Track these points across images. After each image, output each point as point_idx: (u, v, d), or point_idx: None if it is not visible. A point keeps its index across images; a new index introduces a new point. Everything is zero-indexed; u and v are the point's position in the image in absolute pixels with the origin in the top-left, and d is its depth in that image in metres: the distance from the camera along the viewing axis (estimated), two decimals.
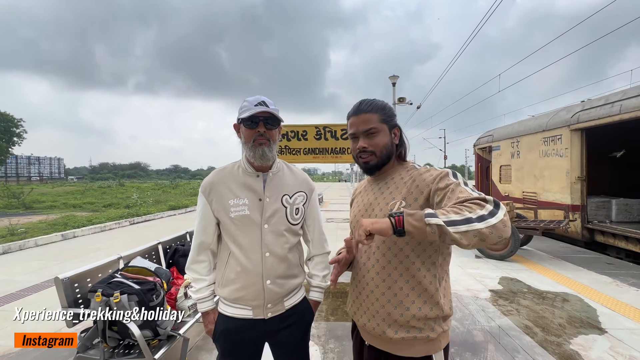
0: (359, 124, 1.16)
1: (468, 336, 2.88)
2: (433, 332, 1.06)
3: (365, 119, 1.15)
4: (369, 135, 1.15)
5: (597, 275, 4.69)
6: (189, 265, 1.35)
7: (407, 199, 1.08)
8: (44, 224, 9.81)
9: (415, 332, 1.05)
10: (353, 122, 1.18)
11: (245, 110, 1.24)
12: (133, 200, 16.90)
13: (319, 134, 4.61)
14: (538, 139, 7.67)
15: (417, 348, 1.06)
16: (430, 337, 1.06)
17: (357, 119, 1.16)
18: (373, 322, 1.10)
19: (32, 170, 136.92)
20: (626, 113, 5.46)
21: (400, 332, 1.05)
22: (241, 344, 1.28)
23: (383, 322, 1.07)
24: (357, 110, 1.17)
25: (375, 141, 1.15)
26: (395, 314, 1.06)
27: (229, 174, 1.33)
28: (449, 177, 1.03)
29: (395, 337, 1.05)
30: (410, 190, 1.09)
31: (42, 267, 5.40)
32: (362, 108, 1.16)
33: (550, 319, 3.25)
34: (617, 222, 6.33)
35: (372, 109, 1.16)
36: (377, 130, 1.15)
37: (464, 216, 0.85)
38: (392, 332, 1.06)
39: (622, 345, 2.75)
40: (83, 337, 2.01)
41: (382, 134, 1.15)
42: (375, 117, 1.15)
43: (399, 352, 1.07)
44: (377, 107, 1.16)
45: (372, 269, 1.12)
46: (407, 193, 1.09)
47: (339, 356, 2.61)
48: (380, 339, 1.10)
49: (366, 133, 1.15)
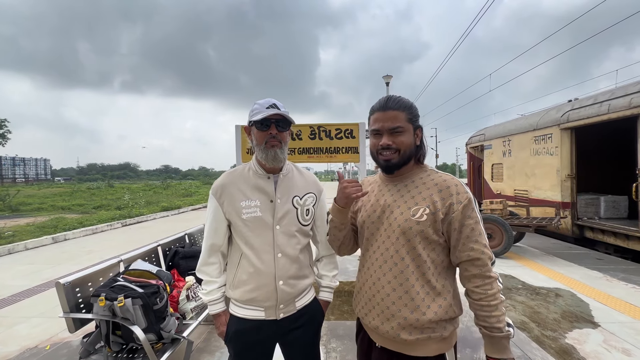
0: (385, 121, 1.11)
1: (467, 333, 2.93)
2: (446, 331, 1.08)
3: (392, 116, 1.11)
4: (395, 133, 1.11)
5: (588, 270, 4.82)
6: (200, 267, 1.35)
7: (430, 207, 1.08)
8: (32, 227, 9.59)
9: (429, 332, 1.06)
10: (378, 118, 1.13)
11: (257, 113, 1.25)
12: (125, 201, 16.62)
13: (314, 133, 4.61)
14: (529, 138, 7.82)
15: (431, 347, 1.08)
16: (443, 336, 1.08)
17: (384, 115, 1.12)
18: (387, 325, 1.09)
19: (17, 172, 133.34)
20: (614, 112, 5.61)
21: (414, 333, 1.06)
22: (253, 345, 1.29)
23: (398, 325, 1.07)
24: (384, 106, 1.13)
25: (400, 139, 1.11)
26: (411, 319, 1.06)
27: (240, 176, 1.33)
28: (474, 210, 1.08)
29: (409, 338, 1.06)
30: (434, 200, 1.08)
31: (34, 271, 5.28)
32: (389, 105, 1.12)
33: (545, 314, 3.33)
34: (606, 219, 6.51)
35: (400, 106, 1.12)
36: (403, 130, 1.11)
37: (496, 308, 1.04)
38: (407, 334, 1.06)
39: (615, 338, 2.84)
40: (85, 342, 1.98)
41: (407, 134, 1.12)
42: (403, 115, 1.11)
43: (412, 352, 1.08)
44: (405, 105, 1.13)
45: (390, 273, 1.11)
46: (431, 201, 1.09)
47: (341, 355, 2.63)
48: (393, 340, 1.10)
49: (392, 131, 1.11)
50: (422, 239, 1.08)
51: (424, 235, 1.07)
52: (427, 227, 1.07)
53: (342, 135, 4.29)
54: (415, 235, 1.07)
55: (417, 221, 1.07)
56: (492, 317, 1.03)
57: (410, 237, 1.08)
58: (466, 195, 1.08)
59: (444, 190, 1.09)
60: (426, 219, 1.06)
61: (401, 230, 1.09)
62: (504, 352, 1.03)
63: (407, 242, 1.09)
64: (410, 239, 1.08)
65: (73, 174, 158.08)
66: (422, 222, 1.07)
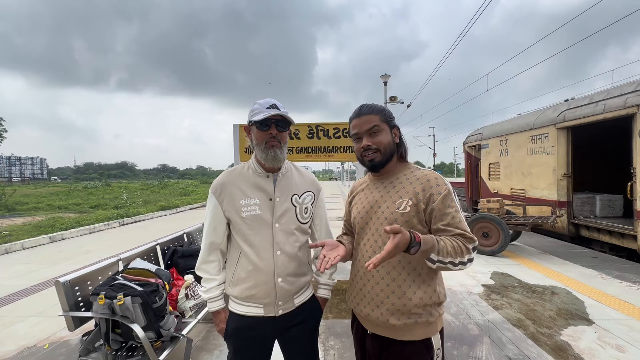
0: (362, 125, 1.24)
1: (464, 330, 2.96)
2: (432, 317, 1.17)
3: (366, 120, 1.23)
4: (372, 133, 1.23)
5: (583, 268, 4.87)
6: (200, 265, 1.36)
7: (413, 199, 1.17)
8: (29, 226, 9.54)
9: (415, 317, 1.16)
10: (356, 124, 1.26)
11: (257, 113, 1.27)
12: (122, 200, 16.57)
13: (312, 132, 4.63)
14: (526, 137, 7.87)
15: (418, 332, 1.17)
16: (429, 321, 1.17)
17: (360, 120, 1.24)
18: (377, 311, 1.18)
19: (13, 171, 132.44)
20: (609, 112, 5.66)
21: (402, 318, 1.15)
22: (252, 341, 1.31)
23: (387, 311, 1.16)
24: (358, 113, 1.26)
25: (378, 139, 1.22)
26: (399, 304, 1.15)
27: (239, 175, 1.35)
28: (453, 200, 1.16)
29: (397, 323, 1.15)
30: (416, 192, 1.18)
31: (31, 270, 5.26)
32: (363, 111, 1.25)
33: (540, 311, 3.37)
34: (601, 217, 6.56)
35: (373, 111, 1.24)
36: (380, 129, 1.23)
37: (453, 259, 1.07)
38: (395, 319, 1.15)
39: (609, 335, 2.87)
40: (85, 341, 1.99)
41: (384, 133, 1.24)
42: (377, 117, 1.23)
43: (401, 337, 1.17)
44: (376, 109, 1.25)
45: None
46: (413, 193, 1.19)
47: (339, 353, 2.65)
48: (383, 326, 1.19)
49: (369, 132, 1.23)
50: (407, 229, 1.12)
51: (409, 225, 1.16)
52: (411, 217, 1.17)
53: (340, 134, 4.31)
54: (400, 226, 1.12)
55: (401, 213, 1.17)
56: (445, 252, 1.06)
57: None
58: (445, 187, 1.17)
59: (425, 183, 1.19)
60: (409, 210, 1.17)
61: (388, 222, 1.18)
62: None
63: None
64: None
65: (70, 173, 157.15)
66: (405, 213, 1.17)
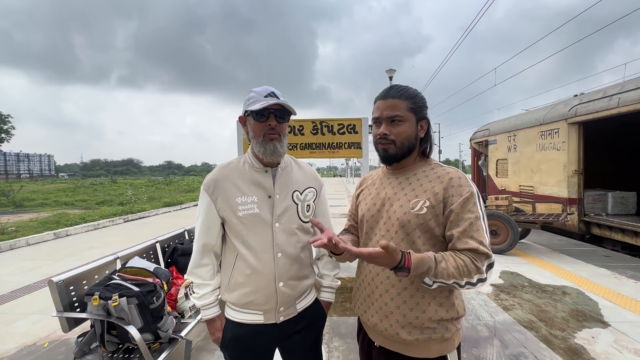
0: (384, 109, 1.08)
1: (473, 332, 2.85)
2: (447, 332, 1.03)
3: (392, 105, 1.07)
4: (393, 122, 1.07)
5: (596, 267, 4.71)
6: (192, 269, 1.25)
7: (431, 200, 1.03)
8: (35, 223, 9.58)
9: (429, 332, 1.01)
10: (379, 106, 1.10)
11: (254, 102, 1.15)
12: (127, 197, 16.63)
13: (316, 128, 4.53)
14: (535, 133, 7.66)
15: (431, 348, 1.03)
16: (445, 337, 1.03)
17: (384, 103, 1.08)
18: (385, 322, 1.05)
19: (21, 168, 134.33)
20: (624, 106, 5.45)
21: (414, 333, 1.01)
22: (252, 351, 1.21)
23: (397, 323, 1.03)
24: (385, 95, 1.09)
25: (398, 130, 1.07)
26: (411, 317, 1.01)
27: (235, 170, 1.24)
28: (475, 204, 1.00)
29: (409, 338, 1.02)
30: (436, 191, 1.03)
31: (34, 267, 5.26)
32: (391, 93, 1.08)
33: (552, 312, 3.24)
34: (613, 215, 6.38)
35: (402, 95, 1.07)
36: (403, 120, 1.07)
37: (457, 280, 0.92)
38: (406, 333, 1.02)
39: (627, 338, 2.75)
40: (80, 342, 1.93)
41: (407, 124, 1.07)
42: (404, 104, 1.07)
43: (412, 353, 1.04)
44: (407, 94, 1.08)
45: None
46: (432, 193, 1.03)
47: (344, 355, 2.57)
48: (392, 340, 1.06)
49: (390, 119, 1.07)
50: (422, 233, 1.02)
51: (423, 229, 1.02)
52: (427, 220, 1.02)
53: (345, 130, 4.20)
54: (414, 229, 1.02)
55: (416, 214, 1.02)
56: (446, 274, 0.91)
57: (409, 231, 1.02)
58: (469, 189, 1.01)
59: (446, 182, 1.04)
60: (426, 212, 1.02)
61: (400, 223, 1.04)
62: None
63: (406, 236, 1.03)
64: (409, 233, 1.03)
65: (77, 170, 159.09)
66: (421, 215, 1.02)
